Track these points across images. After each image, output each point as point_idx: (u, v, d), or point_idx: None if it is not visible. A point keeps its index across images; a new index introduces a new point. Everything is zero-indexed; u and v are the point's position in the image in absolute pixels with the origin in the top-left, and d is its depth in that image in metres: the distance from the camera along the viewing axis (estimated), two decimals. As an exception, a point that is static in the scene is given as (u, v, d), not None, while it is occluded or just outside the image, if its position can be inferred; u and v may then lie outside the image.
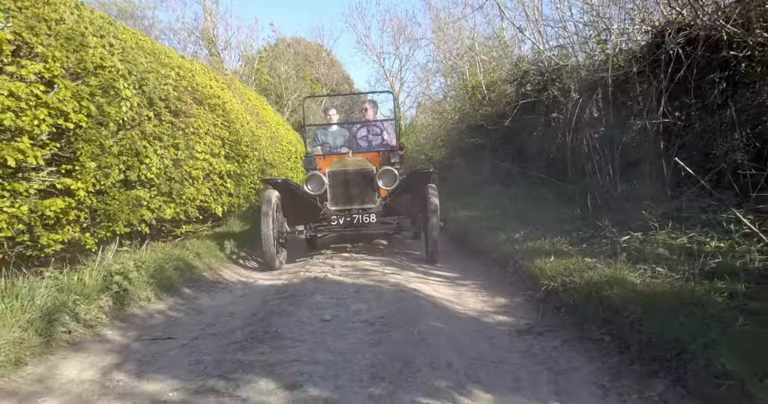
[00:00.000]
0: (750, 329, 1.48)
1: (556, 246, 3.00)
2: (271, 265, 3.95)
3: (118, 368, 1.85)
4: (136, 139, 2.92)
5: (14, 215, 2.03)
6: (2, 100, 1.90)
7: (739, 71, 3.54)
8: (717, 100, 3.63)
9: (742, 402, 1.23)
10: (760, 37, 3.30)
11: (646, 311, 1.79)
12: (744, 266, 2.01)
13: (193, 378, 1.72)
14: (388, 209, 4.31)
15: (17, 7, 2.18)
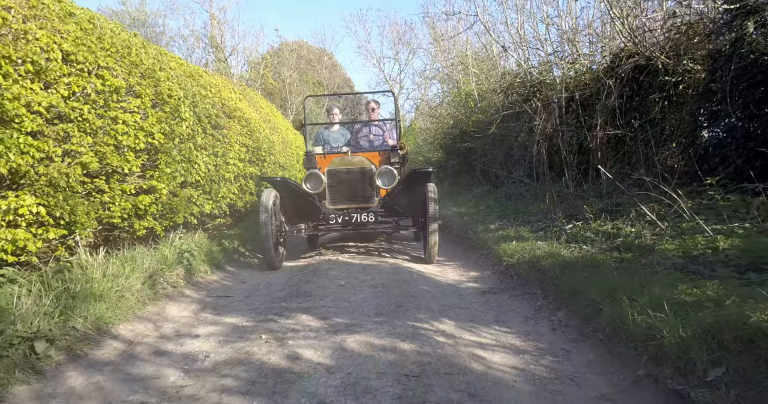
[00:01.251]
0: (617, 279, 2.35)
1: (520, 233, 3.89)
2: (270, 264, 3.98)
3: (202, 311, 2.74)
4: (191, 150, 3.82)
5: (123, 207, 2.92)
6: (122, 127, 2.80)
7: (673, 93, 4.42)
8: (657, 115, 4.52)
9: (597, 314, 2.12)
10: (687, 66, 4.18)
11: (563, 272, 2.68)
12: (639, 243, 2.89)
13: (255, 316, 2.61)
14: (387, 208, 4.37)
15: (121, 56, 3.08)
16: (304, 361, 1.91)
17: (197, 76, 4.86)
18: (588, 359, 1.92)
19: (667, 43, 4.31)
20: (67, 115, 2.41)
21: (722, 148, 3.69)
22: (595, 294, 2.22)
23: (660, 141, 4.47)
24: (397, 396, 1.59)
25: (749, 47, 3.39)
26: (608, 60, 5.16)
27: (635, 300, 1.93)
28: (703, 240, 2.47)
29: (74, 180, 2.46)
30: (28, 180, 2.21)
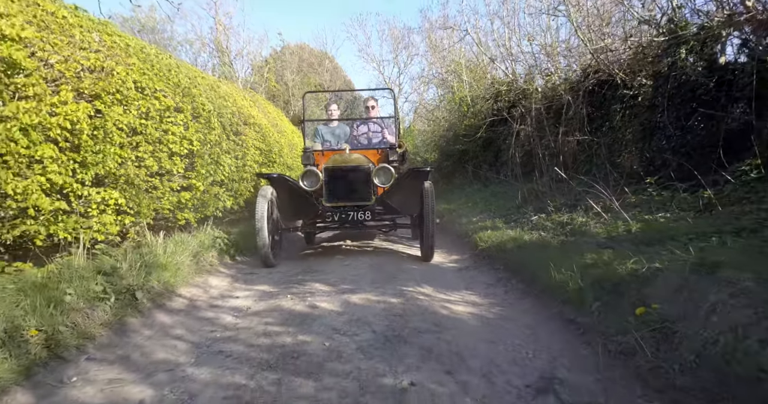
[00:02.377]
0: (555, 254, 3.13)
1: (495, 224, 4.69)
2: (264, 261, 4.07)
3: (235, 282, 3.53)
4: (219, 154, 4.61)
5: (170, 201, 3.71)
6: (171, 137, 3.59)
7: (630, 105, 5.19)
8: (618, 124, 5.31)
9: (536, 278, 2.91)
10: (640, 82, 4.96)
11: (520, 251, 3.47)
12: (584, 230, 3.68)
13: (278, 285, 3.39)
14: (384, 206, 4.42)
15: (166, 78, 3.87)
16: (321, 309, 2.71)
17: (216, 87, 5.66)
18: (524, 308, 2.71)
19: (624, 62, 5.09)
20: (138, 130, 3.20)
21: (663, 153, 4.47)
22: (537, 265, 3.01)
23: (621, 145, 5.27)
24: (386, 326, 2.39)
25: (681, 70, 4.17)
26: (578, 74, 5.95)
27: (560, 267, 2.72)
28: (623, 225, 3.25)
29: (141, 179, 3.25)
30: (113, 179, 3.00)
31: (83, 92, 2.65)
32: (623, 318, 2.02)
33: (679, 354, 1.68)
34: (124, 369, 1.90)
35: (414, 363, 1.93)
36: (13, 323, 1.81)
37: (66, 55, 2.58)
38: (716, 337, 1.59)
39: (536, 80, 6.94)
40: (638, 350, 1.82)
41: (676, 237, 2.64)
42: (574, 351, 2.04)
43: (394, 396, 1.66)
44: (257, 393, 1.69)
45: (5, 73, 2.08)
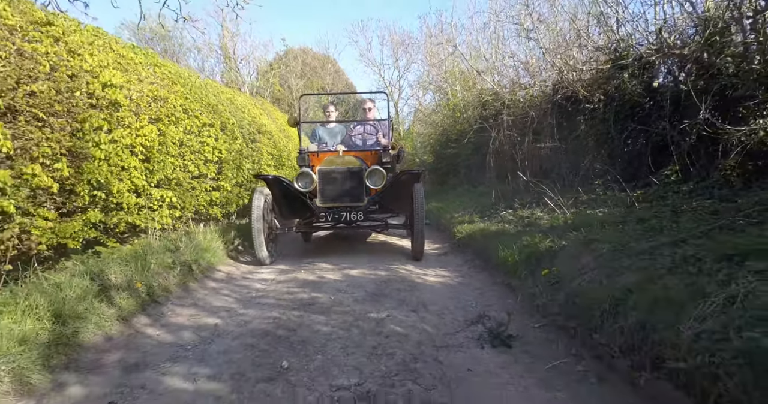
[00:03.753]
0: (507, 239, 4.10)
1: (472, 218, 5.66)
2: (260, 259, 4.33)
3: (259, 263, 4.52)
4: (241, 159, 5.60)
5: (205, 199, 4.69)
6: (207, 148, 4.58)
7: (590, 117, 6.14)
8: (581, 133, 6.27)
9: (491, 257, 3.88)
10: (598, 97, 5.92)
11: (485, 239, 4.44)
12: (536, 222, 4.64)
13: (293, 265, 4.37)
14: (377, 208, 4.68)
15: (200, 98, 4.85)
16: (327, 278, 3.69)
17: (233, 99, 6.65)
18: (479, 278, 3.69)
19: (585, 81, 6.05)
20: (184, 143, 4.19)
21: (611, 159, 5.43)
22: (493, 248, 3.99)
23: (584, 152, 6.23)
24: (374, 287, 3.37)
25: (624, 91, 5.13)
26: (550, 89, 6.91)
27: (507, 248, 3.69)
28: (562, 217, 4.22)
29: (186, 182, 4.24)
30: (167, 182, 3.99)
31: (152, 117, 3.64)
32: (536, 278, 3.00)
33: (560, 295, 2.66)
34: (197, 310, 2.89)
35: (391, 306, 2.92)
36: (126, 277, 2.79)
37: (139, 90, 3.57)
38: (579, 283, 2.57)
39: (517, 92, 7.88)
40: (539, 296, 2.79)
41: (592, 224, 3.60)
42: (503, 301, 3.02)
43: (376, 321, 2.64)
44: (287, 321, 2.67)
45: (113, 110, 3.05)
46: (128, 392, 1.81)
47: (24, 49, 2.45)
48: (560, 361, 2.13)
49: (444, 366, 2.08)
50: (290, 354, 2.18)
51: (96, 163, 2.88)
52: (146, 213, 3.60)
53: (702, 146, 4.23)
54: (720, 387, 1.46)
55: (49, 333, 1.99)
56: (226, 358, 2.14)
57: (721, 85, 4.08)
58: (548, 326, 2.56)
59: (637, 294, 2.08)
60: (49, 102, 2.51)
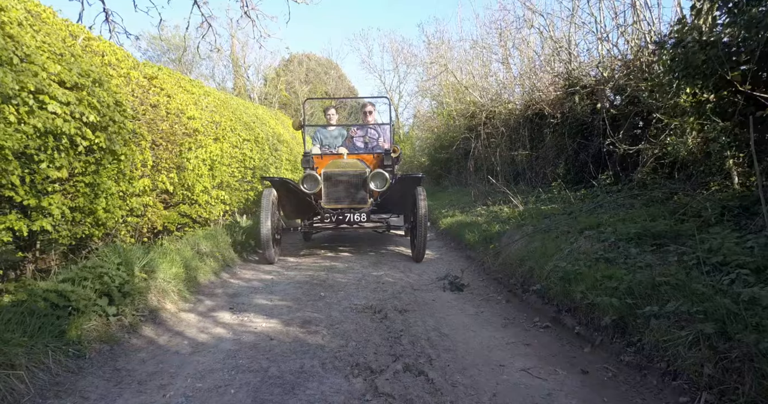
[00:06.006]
0: (475, 227, 5.55)
1: (454, 213, 7.11)
2: (268, 258, 4.65)
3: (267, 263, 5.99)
4: (268, 165, 7.06)
5: (244, 197, 6.15)
6: (247, 158, 6.04)
7: (557, 130, 7.57)
8: (548, 143, 7.71)
9: (461, 239, 5.34)
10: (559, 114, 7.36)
11: (460, 228, 5.89)
12: (502, 216, 6.08)
13: (314, 249, 5.83)
14: (380, 209, 4.97)
15: (238, 118, 6.31)
16: (342, 254, 5.15)
17: (258, 113, 8.12)
18: (451, 254, 5.16)
19: (549, 100, 7.48)
20: (231, 155, 5.65)
21: (567, 165, 6.87)
22: (463, 233, 5.44)
23: (547, 160, 7.68)
24: (375, 259, 4.83)
25: (573, 112, 6.57)
26: (522, 105, 8.36)
27: (472, 232, 5.13)
28: (517, 211, 5.67)
29: (233, 184, 5.70)
30: (220, 184, 5.44)
31: (213, 137, 5.09)
32: (487, 251, 4.45)
33: (498, 261, 4.11)
34: (256, 272, 4.36)
35: (385, 270, 4.38)
36: (209, 249, 4.24)
37: (206, 118, 5.02)
38: (508, 252, 4.02)
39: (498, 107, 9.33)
40: (486, 261, 4.25)
41: (534, 216, 5.04)
42: (462, 265, 4.47)
43: (376, 277, 4.10)
44: (318, 276, 4.13)
45: (195, 135, 4.50)
46: (236, 305, 3.27)
47: (152, 101, 3.90)
48: (489, 296, 3.59)
49: (417, 297, 3.54)
50: (324, 290, 3.64)
51: (187, 172, 4.32)
52: (209, 207, 5.06)
53: (629, 157, 5.65)
54: (551, 292, 2.92)
55: (184, 274, 3.44)
56: (285, 292, 3.60)
57: (641, 110, 5.54)
58: (488, 280, 4.02)
59: (533, 253, 3.54)
60: (167, 134, 3.97)
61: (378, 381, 2.04)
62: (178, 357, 2.33)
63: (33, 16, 2.82)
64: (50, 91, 2.47)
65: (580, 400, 1.88)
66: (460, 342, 2.56)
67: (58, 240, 2.79)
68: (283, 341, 2.55)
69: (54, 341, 2.02)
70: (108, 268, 2.70)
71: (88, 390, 1.91)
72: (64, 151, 2.62)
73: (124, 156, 3.20)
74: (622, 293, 2.36)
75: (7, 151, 2.15)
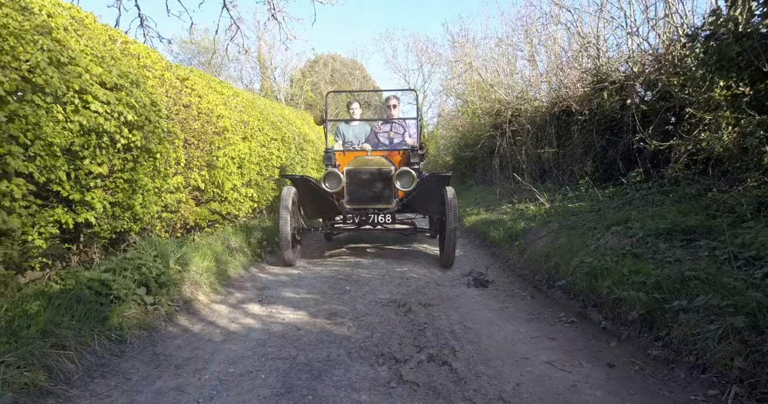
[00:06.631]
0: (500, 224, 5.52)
1: (479, 211, 7.09)
2: (286, 260, 4.40)
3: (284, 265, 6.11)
4: (294, 164, 7.21)
5: (271, 195, 6.31)
6: (274, 157, 6.20)
7: (585, 127, 7.46)
8: (576, 140, 7.60)
9: (485, 237, 5.34)
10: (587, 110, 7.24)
11: (485, 225, 5.88)
12: (528, 214, 6.03)
13: (340, 247, 5.93)
14: (405, 210, 4.72)
15: (265, 117, 6.47)
16: (367, 251, 5.22)
17: (284, 114, 8.29)
18: (475, 250, 5.16)
19: (577, 97, 7.37)
20: (260, 154, 5.81)
21: (595, 162, 6.75)
22: (488, 230, 5.43)
23: (575, 157, 7.56)
24: (400, 255, 4.88)
25: (602, 108, 6.46)
26: (548, 102, 8.25)
27: (497, 230, 5.13)
28: (543, 209, 5.62)
29: (261, 182, 5.86)
30: (249, 182, 5.60)
31: (241, 136, 5.25)
32: (511, 247, 4.44)
33: (523, 257, 4.10)
34: (283, 266, 4.48)
35: (409, 266, 4.42)
36: (240, 244, 4.39)
37: (235, 118, 5.18)
38: (534, 249, 4.00)
39: (523, 104, 9.24)
40: (511, 258, 4.24)
41: (561, 213, 5.00)
42: (487, 262, 4.48)
43: (400, 272, 4.16)
44: (344, 271, 4.21)
45: (224, 134, 4.66)
46: (264, 297, 3.38)
47: (185, 101, 4.07)
48: (514, 292, 3.59)
49: (441, 293, 3.57)
50: (349, 284, 3.72)
51: (217, 170, 4.49)
52: (238, 204, 5.22)
53: (660, 153, 5.53)
54: (577, 288, 2.90)
55: (215, 268, 3.58)
56: (312, 286, 3.70)
57: (673, 105, 5.41)
58: (513, 276, 4.02)
59: (559, 249, 3.52)
60: (198, 132, 4.13)
61: (402, 370, 2.09)
62: (211, 344, 2.45)
63: (77, 21, 3.00)
64: (93, 91, 2.62)
65: (605, 392, 1.89)
66: (483, 336, 2.58)
67: (100, 234, 2.95)
68: (310, 331, 2.63)
69: (98, 326, 2.16)
70: (145, 260, 2.85)
71: (130, 371, 2.04)
72: (105, 148, 2.78)
73: (159, 154, 3.35)
74: (649, 288, 2.34)
75: (55, 147, 2.31)
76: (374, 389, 1.92)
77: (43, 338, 1.83)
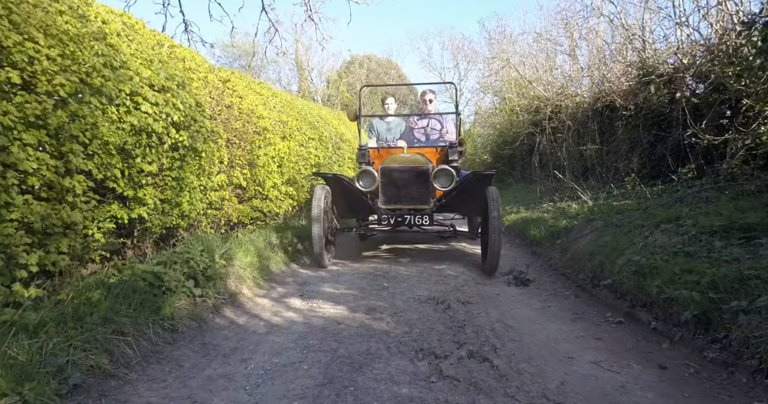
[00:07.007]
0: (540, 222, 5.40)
1: (519, 209, 6.95)
2: (318, 262, 4.23)
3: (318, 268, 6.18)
4: (331, 163, 7.32)
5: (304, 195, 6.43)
6: (312, 156, 6.31)
7: (630, 122, 7.18)
8: (621, 136, 7.32)
9: (525, 236, 5.23)
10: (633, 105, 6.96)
11: (525, 224, 5.77)
12: (570, 212, 5.86)
13: (375, 241, 5.97)
14: (442, 209, 4.48)
15: (303, 117, 6.60)
16: (403, 250, 5.23)
17: (321, 114, 8.42)
18: (516, 249, 5.07)
19: (622, 91, 7.08)
20: (298, 153, 5.93)
21: (642, 159, 6.47)
22: (528, 229, 5.32)
23: (619, 154, 7.28)
24: (440, 254, 4.85)
25: (649, 102, 6.18)
26: (590, 98, 7.98)
27: (537, 228, 5.01)
28: (586, 207, 5.44)
29: (299, 180, 5.98)
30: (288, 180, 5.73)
31: (281, 136, 5.38)
32: (553, 246, 4.33)
33: (566, 256, 3.99)
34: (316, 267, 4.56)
35: (447, 264, 4.40)
36: (280, 240, 4.50)
37: (274, 117, 5.32)
38: (576, 247, 3.89)
39: (563, 100, 8.98)
40: (553, 257, 4.14)
41: (605, 211, 4.83)
42: (527, 260, 4.39)
43: (438, 270, 4.14)
44: (382, 268, 4.24)
45: (264, 133, 4.80)
46: (305, 292, 3.45)
47: (227, 102, 4.22)
48: (556, 291, 3.51)
49: (480, 291, 3.53)
50: (387, 281, 3.74)
51: (258, 169, 4.62)
52: (279, 202, 5.35)
53: (714, 148, 5.25)
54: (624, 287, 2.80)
55: (258, 263, 3.69)
56: (350, 282, 3.75)
57: (727, 97, 5.13)
58: (555, 275, 3.92)
59: (603, 247, 3.41)
60: (240, 132, 4.27)
61: (442, 365, 2.09)
62: (255, 336, 2.53)
63: (128, 27, 3.17)
64: (143, 93, 2.76)
65: (657, 394, 1.82)
66: (525, 334, 2.54)
67: (151, 229, 3.11)
68: (350, 325, 2.67)
69: (152, 315, 2.28)
70: (193, 254, 2.98)
71: (182, 359, 2.13)
72: (154, 147, 2.92)
73: (204, 153, 3.49)
74: (704, 287, 2.23)
75: (111, 146, 2.45)
76: (414, 383, 1.93)
77: (105, 324, 1.95)
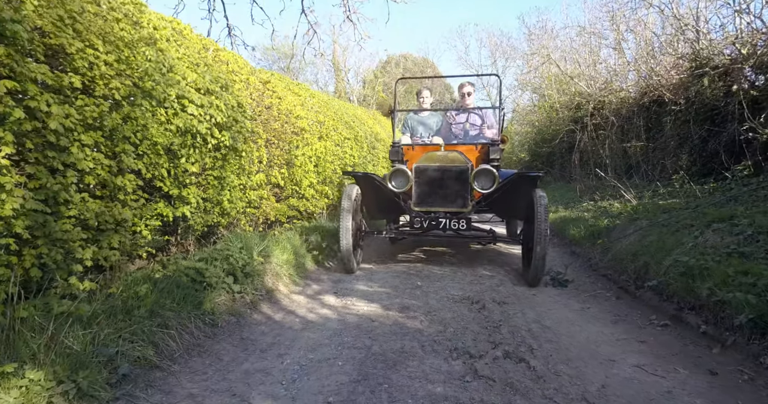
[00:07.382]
0: (579, 221, 5.22)
1: (558, 208, 6.76)
2: (346, 266, 3.97)
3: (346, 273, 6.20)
4: (366, 163, 7.37)
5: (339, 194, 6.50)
6: (347, 155, 6.38)
7: (680, 118, 6.83)
8: (669, 132, 6.98)
9: (565, 235, 5.08)
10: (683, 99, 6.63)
11: (564, 223, 5.60)
12: (612, 212, 5.64)
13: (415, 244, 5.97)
14: (480, 211, 4.19)
15: (339, 117, 6.68)
16: (437, 250, 5.20)
17: (357, 114, 8.49)
18: (555, 249, 4.94)
19: (671, 85, 6.74)
20: (333, 152, 6.01)
21: (692, 156, 6.14)
22: (567, 228, 5.17)
23: (666, 150, 6.94)
24: (473, 254, 4.80)
25: (702, 96, 5.85)
26: (636, 92, 7.64)
27: (577, 228, 4.86)
28: (630, 205, 5.22)
29: (334, 179, 6.06)
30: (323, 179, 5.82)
31: (318, 136, 5.48)
32: (593, 246, 4.19)
33: (607, 256, 3.85)
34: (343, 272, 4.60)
35: (483, 263, 4.33)
36: (316, 239, 4.59)
37: (311, 118, 5.42)
38: (619, 248, 3.74)
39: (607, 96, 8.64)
40: (593, 257, 4.00)
41: (650, 210, 4.62)
42: (566, 261, 4.26)
43: (473, 269, 4.09)
44: (415, 267, 4.23)
45: (302, 134, 4.90)
46: (339, 290, 3.50)
47: (266, 103, 4.34)
48: (597, 293, 3.39)
49: (516, 291, 3.47)
50: (421, 280, 3.74)
51: (295, 168, 4.72)
52: (314, 201, 5.45)
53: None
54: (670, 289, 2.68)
55: (294, 261, 3.78)
56: (384, 280, 3.77)
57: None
58: (595, 276, 3.79)
59: (648, 247, 3.26)
60: (278, 132, 4.39)
61: (477, 365, 2.07)
62: (291, 332, 2.59)
63: (177, 32, 3.31)
64: (189, 96, 2.89)
65: (707, 400, 1.73)
66: (563, 335, 2.47)
67: (194, 227, 3.24)
68: (384, 323, 2.68)
69: (194, 310, 2.38)
70: (232, 251, 3.08)
71: (222, 352, 2.22)
72: (198, 147, 3.05)
73: (245, 152, 3.60)
74: (761, 290, 2.10)
75: (159, 146, 2.58)
76: (449, 382, 1.92)
77: (151, 317, 2.05)
